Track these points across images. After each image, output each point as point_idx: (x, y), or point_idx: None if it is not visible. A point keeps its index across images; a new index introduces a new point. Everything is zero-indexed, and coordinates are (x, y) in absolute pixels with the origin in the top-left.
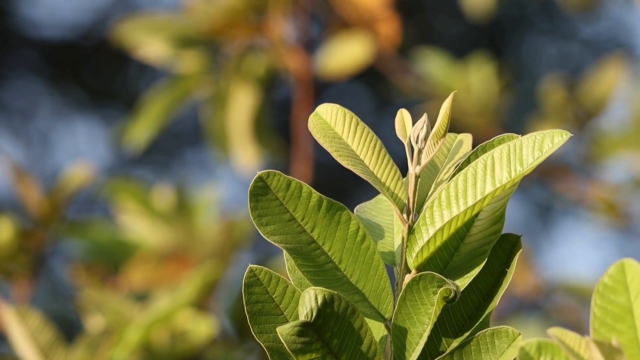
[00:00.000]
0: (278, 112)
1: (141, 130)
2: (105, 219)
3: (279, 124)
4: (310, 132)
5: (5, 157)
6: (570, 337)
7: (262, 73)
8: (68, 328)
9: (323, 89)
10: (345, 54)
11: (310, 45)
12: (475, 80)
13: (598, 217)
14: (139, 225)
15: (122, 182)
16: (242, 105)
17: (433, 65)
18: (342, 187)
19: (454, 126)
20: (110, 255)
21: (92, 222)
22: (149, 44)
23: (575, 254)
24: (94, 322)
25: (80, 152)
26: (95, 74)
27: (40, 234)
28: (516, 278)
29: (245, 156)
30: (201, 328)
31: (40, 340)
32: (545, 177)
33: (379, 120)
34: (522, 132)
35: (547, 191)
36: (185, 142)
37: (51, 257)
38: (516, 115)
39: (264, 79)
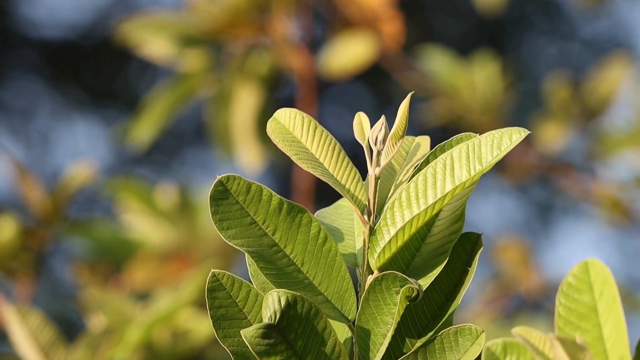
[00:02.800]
0: None
1: (144, 129)
2: (107, 218)
3: None
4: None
5: (8, 155)
6: (535, 336)
7: (266, 72)
8: (69, 327)
9: (326, 88)
10: (349, 53)
11: (313, 44)
12: (480, 78)
13: (602, 215)
14: (141, 224)
15: (124, 181)
16: (245, 104)
17: (437, 62)
18: None
19: (459, 123)
20: (112, 254)
21: (95, 221)
22: (153, 42)
23: (575, 253)
24: (96, 321)
25: (80, 152)
26: (95, 74)
27: (43, 232)
28: (519, 277)
29: (249, 155)
30: (202, 327)
31: (41, 340)
32: (549, 175)
33: None
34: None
35: (547, 191)
36: (186, 141)
37: (53, 256)
38: (518, 114)
39: (267, 78)
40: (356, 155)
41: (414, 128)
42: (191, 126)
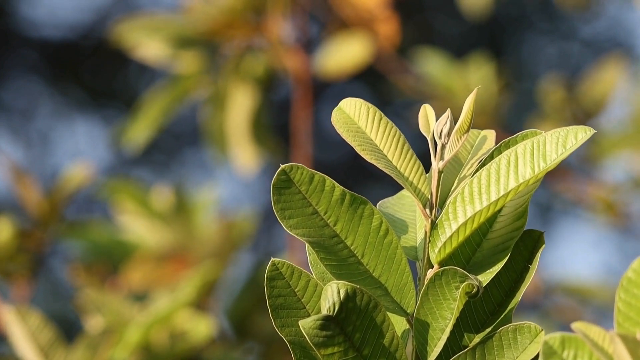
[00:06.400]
0: (277, 112)
1: (140, 130)
2: (104, 219)
3: (277, 124)
4: (308, 132)
5: (5, 157)
6: (595, 331)
7: (261, 73)
8: (68, 328)
9: (322, 89)
10: (344, 54)
11: (309, 45)
12: (475, 79)
13: (597, 217)
14: (137, 226)
15: (121, 183)
16: (240, 106)
17: (432, 65)
18: (343, 186)
19: None
20: (109, 255)
21: (91, 222)
22: (148, 44)
23: (575, 254)
24: (94, 322)
25: (80, 152)
26: (95, 74)
27: (40, 234)
28: None
29: (244, 156)
30: (200, 328)
31: (40, 340)
32: (545, 177)
33: None
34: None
35: (547, 191)
36: (184, 142)
37: (50, 257)
38: (515, 114)
39: (262, 79)
40: (356, 157)
41: (410, 129)
42: (190, 126)
